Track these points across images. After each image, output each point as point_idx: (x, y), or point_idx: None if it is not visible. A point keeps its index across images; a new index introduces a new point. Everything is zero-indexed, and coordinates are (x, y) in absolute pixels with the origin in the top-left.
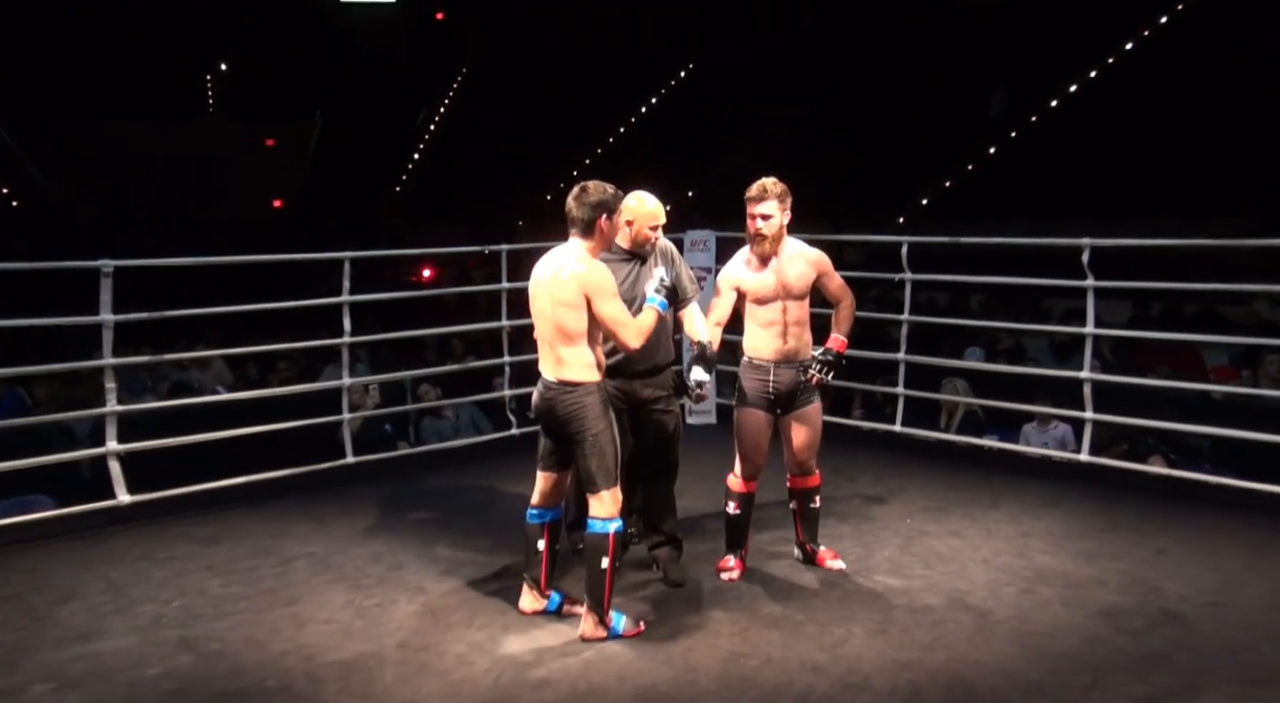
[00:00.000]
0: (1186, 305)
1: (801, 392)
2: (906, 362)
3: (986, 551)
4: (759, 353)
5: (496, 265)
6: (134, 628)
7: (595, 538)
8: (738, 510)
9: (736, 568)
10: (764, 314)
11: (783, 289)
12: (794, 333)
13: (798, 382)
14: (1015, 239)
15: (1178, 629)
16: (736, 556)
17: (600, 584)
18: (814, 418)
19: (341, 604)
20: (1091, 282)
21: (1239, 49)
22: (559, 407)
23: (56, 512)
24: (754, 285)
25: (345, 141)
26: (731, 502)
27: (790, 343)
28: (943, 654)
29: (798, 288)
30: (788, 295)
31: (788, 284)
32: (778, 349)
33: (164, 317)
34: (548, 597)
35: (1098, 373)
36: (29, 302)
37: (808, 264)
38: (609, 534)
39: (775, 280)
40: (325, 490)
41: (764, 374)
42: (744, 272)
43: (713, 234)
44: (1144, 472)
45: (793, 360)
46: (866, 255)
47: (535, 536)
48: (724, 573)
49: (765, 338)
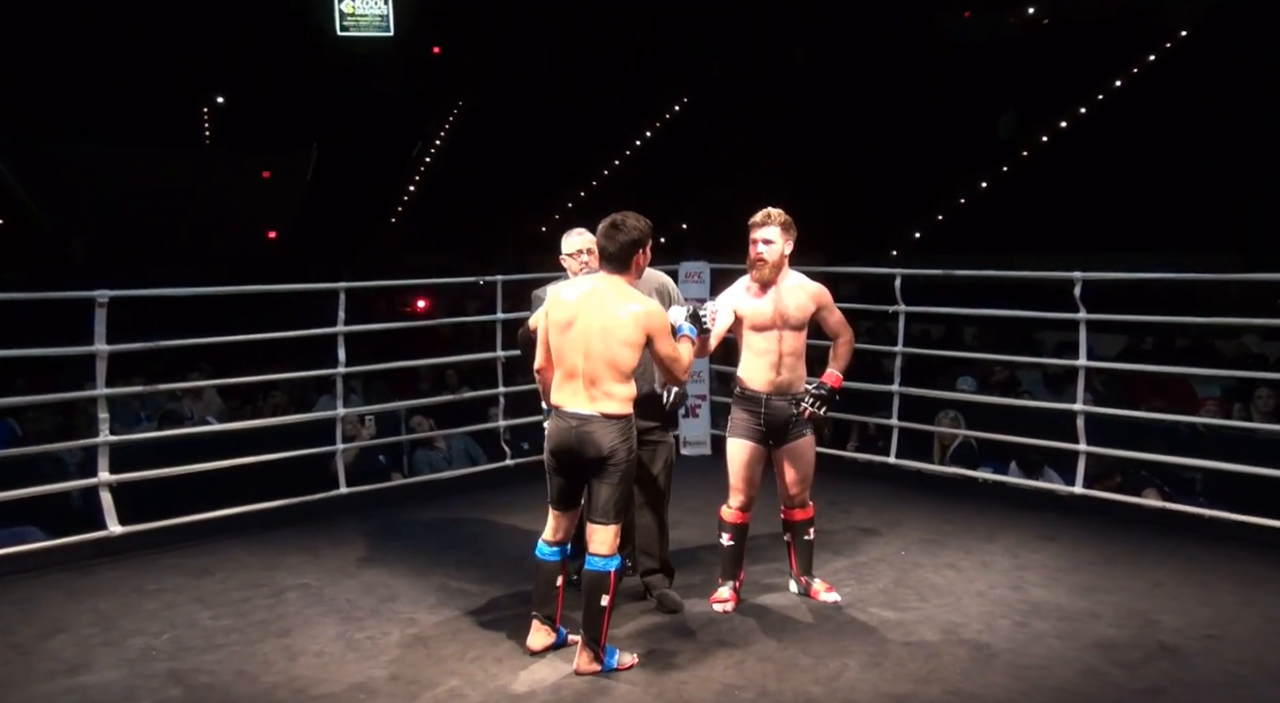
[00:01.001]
0: (1179, 339)
1: (794, 424)
2: (900, 394)
3: (981, 583)
4: (751, 384)
5: (490, 297)
6: (124, 661)
7: (597, 576)
8: (731, 541)
9: (731, 600)
10: (760, 343)
11: (780, 318)
12: (788, 365)
13: (790, 414)
14: (1008, 272)
15: (1173, 663)
16: (731, 587)
17: (599, 621)
18: (806, 451)
19: (333, 636)
20: (1084, 314)
21: (1230, 85)
22: (599, 439)
23: (47, 543)
24: (751, 311)
25: (341, 173)
26: (725, 533)
27: (784, 375)
28: (938, 687)
29: (795, 318)
30: (785, 325)
31: (785, 314)
32: (770, 380)
33: (158, 346)
34: (557, 633)
35: (1090, 406)
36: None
37: (808, 296)
38: (610, 572)
39: (773, 309)
40: (318, 522)
41: (755, 405)
42: (743, 296)
43: (707, 266)
44: (1138, 505)
45: (785, 393)
46: (860, 288)
47: (554, 573)
48: (718, 605)
49: (759, 368)
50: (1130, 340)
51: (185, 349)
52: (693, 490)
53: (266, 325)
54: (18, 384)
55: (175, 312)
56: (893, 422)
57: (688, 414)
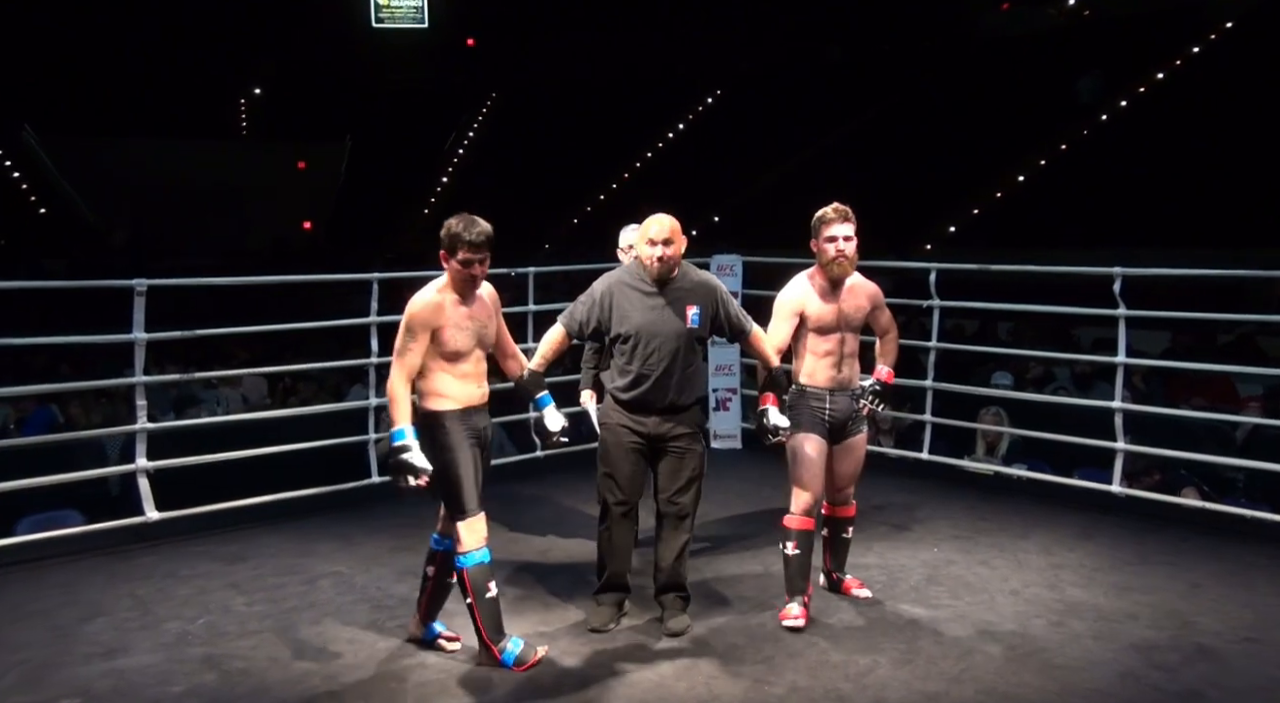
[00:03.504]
0: (1221, 336)
1: (853, 421)
2: (934, 389)
3: (1016, 581)
4: (815, 381)
5: (522, 289)
6: (159, 645)
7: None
8: (797, 550)
9: (802, 617)
10: (823, 344)
11: (844, 320)
12: (848, 363)
13: (851, 410)
14: (1046, 267)
15: (1212, 666)
16: (800, 603)
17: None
18: (860, 448)
19: (365, 624)
20: (1123, 310)
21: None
22: None
23: (87, 527)
24: (818, 313)
25: (375, 165)
26: (789, 542)
27: (844, 372)
28: (971, 687)
29: (856, 320)
30: (847, 327)
31: (848, 316)
32: (832, 378)
33: (195, 335)
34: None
35: (1128, 403)
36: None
37: (866, 297)
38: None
39: (837, 312)
40: (351, 510)
41: (820, 401)
42: (811, 298)
43: (739, 258)
44: (1177, 504)
45: (846, 388)
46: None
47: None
48: (788, 621)
49: (822, 367)
50: (1174, 337)
51: (221, 338)
52: (723, 486)
53: (301, 315)
54: (61, 370)
55: (212, 301)
56: (926, 417)
57: (718, 407)
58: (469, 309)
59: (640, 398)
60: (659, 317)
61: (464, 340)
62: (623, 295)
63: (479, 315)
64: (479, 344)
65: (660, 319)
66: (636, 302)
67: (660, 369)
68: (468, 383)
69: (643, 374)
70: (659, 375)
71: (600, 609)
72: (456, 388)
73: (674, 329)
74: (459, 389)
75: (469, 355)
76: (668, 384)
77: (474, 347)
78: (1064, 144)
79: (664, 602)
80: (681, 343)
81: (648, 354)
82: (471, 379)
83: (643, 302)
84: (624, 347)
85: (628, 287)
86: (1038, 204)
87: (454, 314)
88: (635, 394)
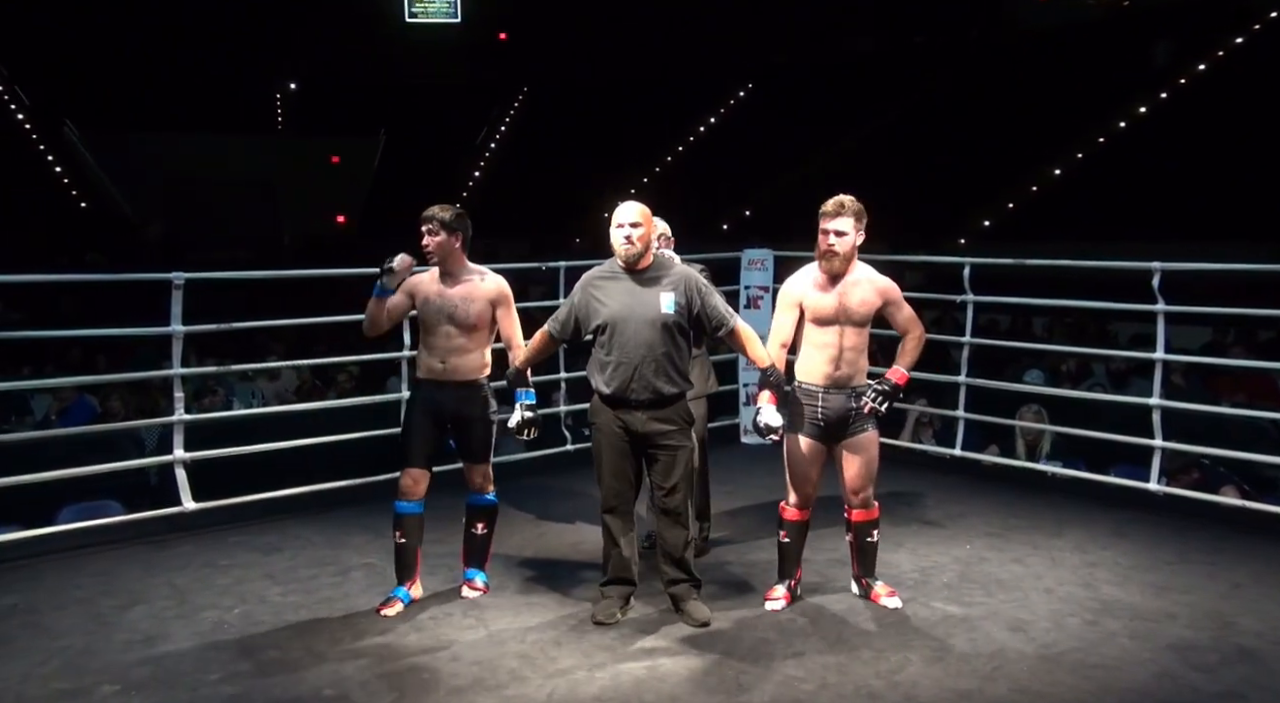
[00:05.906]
0: (1262, 332)
1: (854, 419)
2: (967, 385)
3: (1050, 580)
4: (809, 377)
5: (553, 282)
6: (196, 634)
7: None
8: (787, 539)
9: (784, 599)
10: (820, 337)
11: (843, 313)
12: (848, 360)
13: (848, 409)
14: (1082, 262)
15: (1253, 668)
16: (786, 586)
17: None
18: (868, 447)
19: (398, 616)
20: (1162, 306)
21: None
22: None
23: (126, 517)
24: (815, 304)
25: (407, 159)
26: (782, 530)
27: (843, 370)
28: (1004, 685)
29: (858, 314)
30: (847, 320)
31: (849, 309)
32: (828, 375)
33: (232, 328)
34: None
35: (1166, 399)
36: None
37: (875, 292)
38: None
39: (836, 303)
40: (383, 502)
41: (812, 400)
42: (809, 289)
43: (770, 253)
44: (1216, 503)
45: (844, 386)
46: (925, 277)
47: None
48: (770, 602)
49: (818, 362)
50: (1214, 334)
51: (257, 331)
52: (754, 480)
53: (335, 309)
54: (99, 362)
55: (244, 294)
56: (959, 413)
57: (748, 402)
58: (441, 287)
59: (621, 389)
60: (632, 301)
61: (429, 313)
62: (597, 288)
63: (451, 296)
64: (449, 321)
65: (633, 303)
66: (610, 290)
67: (637, 356)
68: (432, 356)
69: (620, 362)
70: (637, 363)
71: (605, 602)
72: (424, 357)
73: (648, 314)
74: (425, 359)
75: (435, 330)
76: (646, 372)
77: (440, 324)
78: (1101, 137)
79: (676, 594)
80: (657, 329)
81: (624, 341)
82: (436, 354)
83: (616, 288)
84: (602, 338)
85: (601, 278)
86: (1073, 198)
87: (429, 287)
88: (616, 386)
